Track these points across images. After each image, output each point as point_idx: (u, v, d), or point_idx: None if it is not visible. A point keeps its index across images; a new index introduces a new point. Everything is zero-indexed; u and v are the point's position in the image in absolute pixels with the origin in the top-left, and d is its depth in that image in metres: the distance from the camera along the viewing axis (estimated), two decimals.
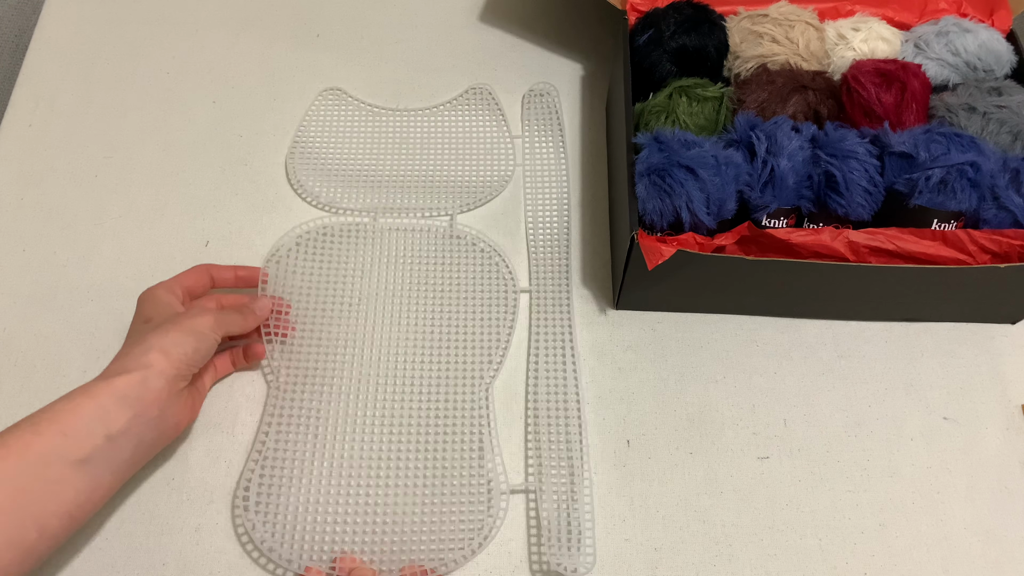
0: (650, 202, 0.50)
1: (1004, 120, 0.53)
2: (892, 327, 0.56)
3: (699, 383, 0.54)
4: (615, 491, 0.50)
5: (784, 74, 0.57)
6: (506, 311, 0.57)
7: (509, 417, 0.53)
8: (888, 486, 0.50)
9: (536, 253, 0.60)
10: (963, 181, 0.50)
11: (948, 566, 0.48)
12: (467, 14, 0.75)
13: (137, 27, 0.72)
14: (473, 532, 0.48)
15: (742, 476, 0.50)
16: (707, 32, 0.59)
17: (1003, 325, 0.57)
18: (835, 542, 0.48)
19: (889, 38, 0.60)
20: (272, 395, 0.53)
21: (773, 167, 0.51)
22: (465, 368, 0.54)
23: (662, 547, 0.48)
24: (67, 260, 0.59)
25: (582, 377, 0.54)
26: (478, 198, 0.62)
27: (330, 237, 0.59)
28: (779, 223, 0.52)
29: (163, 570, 0.47)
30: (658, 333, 0.56)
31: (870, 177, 0.51)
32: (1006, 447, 0.52)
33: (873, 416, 0.53)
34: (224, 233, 0.60)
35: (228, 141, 0.65)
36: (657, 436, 0.52)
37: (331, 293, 0.57)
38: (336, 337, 0.55)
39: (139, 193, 0.62)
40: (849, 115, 0.55)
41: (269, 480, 0.49)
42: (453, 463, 0.50)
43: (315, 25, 0.73)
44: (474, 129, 0.66)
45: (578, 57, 0.72)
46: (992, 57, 0.58)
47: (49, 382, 0.53)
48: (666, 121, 0.55)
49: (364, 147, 0.65)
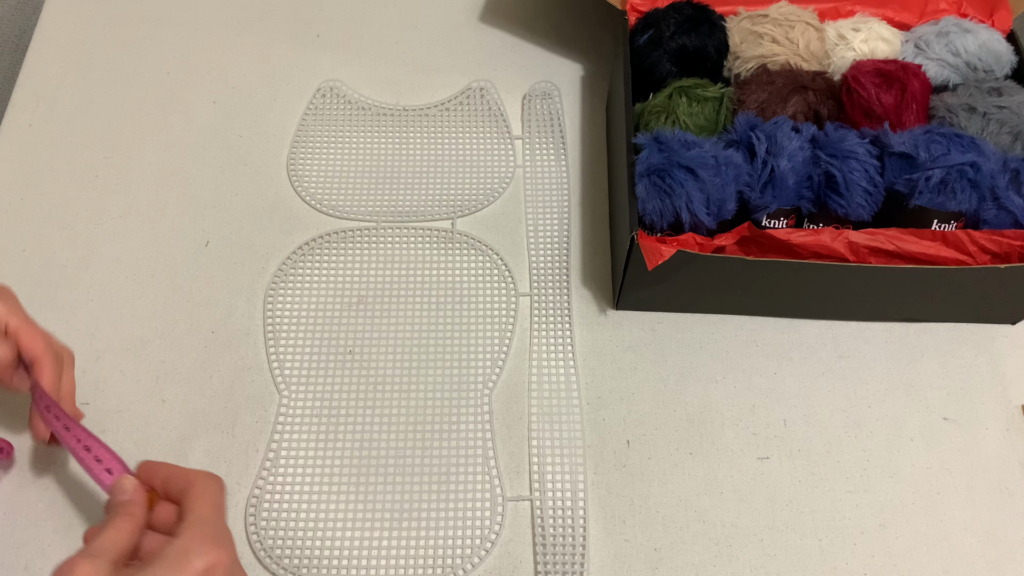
0: (650, 202, 0.50)
1: (1004, 120, 0.53)
2: (892, 327, 0.56)
3: (699, 383, 0.54)
4: (615, 491, 0.50)
5: (784, 74, 0.56)
6: (507, 315, 0.57)
7: (510, 418, 0.53)
8: (888, 486, 0.50)
9: (536, 254, 0.60)
10: (963, 181, 0.50)
11: (948, 566, 0.48)
12: (467, 14, 0.75)
13: (137, 27, 0.72)
14: (477, 538, 0.48)
15: (742, 476, 0.50)
16: (707, 32, 0.59)
17: (1003, 325, 0.57)
18: (835, 542, 0.48)
19: (889, 38, 0.60)
20: (282, 401, 0.53)
21: (773, 167, 0.51)
22: (467, 374, 0.54)
23: (662, 547, 0.48)
24: (67, 260, 0.59)
25: (582, 378, 0.54)
26: (479, 202, 0.62)
27: (333, 243, 0.59)
28: (779, 223, 0.52)
29: None
30: (658, 333, 0.56)
31: (870, 177, 0.51)
32: (1006, 447, 0.52)
33: (873, 416, 0.53)
34: (224, 233, 0.60)
35: (228, 141, 0.65)
36: (657, 436, 0.52)
37: (334, 298, 0.57)
38: (340, 343, 0.55)
39: (139, 193, 0.62)
40: (849, 115, 0.55)
41: (279, 486, 0.49)
42: (457, 468, 0.50)
43: (315, 25, 0.73)
44: (474, 130, 0.66)
45: (578, 57, 0.72)
46: (992, 57, 0.58)
47: None
48: (666, 121, 0.55)
49: (364, 147, 0.65)
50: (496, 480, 0.50)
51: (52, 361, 0.46)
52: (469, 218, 0.62)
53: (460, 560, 0.47)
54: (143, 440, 0.51)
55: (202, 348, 0.55)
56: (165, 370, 0.54)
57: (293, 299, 0.57)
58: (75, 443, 0.43)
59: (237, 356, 0.54)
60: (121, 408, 0.52)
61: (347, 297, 0.57)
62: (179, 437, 0.51)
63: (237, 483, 0.50)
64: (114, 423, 0.52)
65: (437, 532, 0.48)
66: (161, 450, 0.51)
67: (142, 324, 0.56)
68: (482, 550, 0.48)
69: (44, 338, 0.46)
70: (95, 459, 0.42)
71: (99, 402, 0.52)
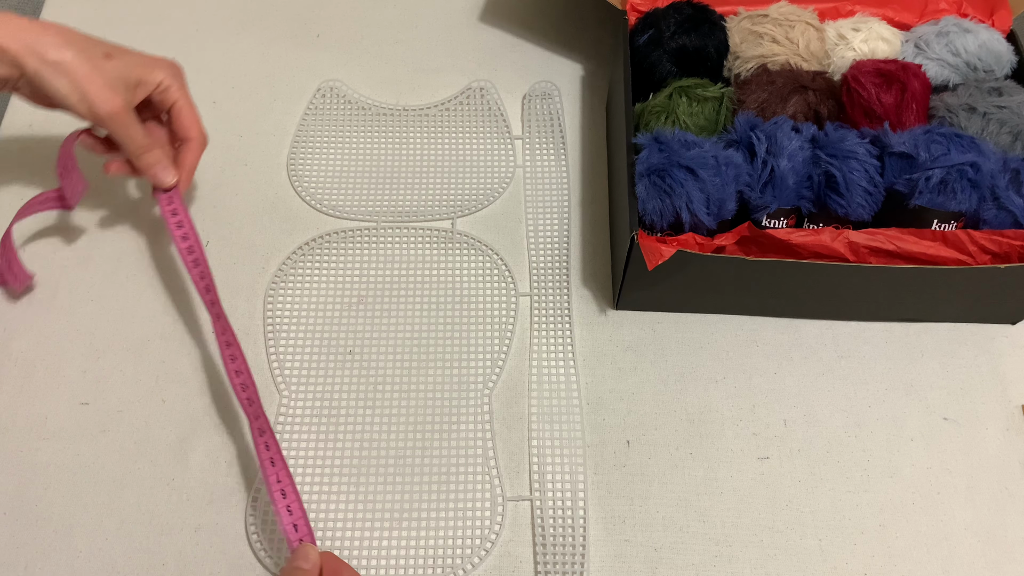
0: (650, 202, 0.50)
1: (1004, 120, 0.53)
2: (892, 327, 0.56)
3: (699, 383, 0.54)
4: (615, 491, 0.50)
5: (784, 74, 0.56)
6: (507, 315, 0.57)
7: (510, 418, 0.53)
8: (888, 486, 0.50)
9: (536, 255, 0.60)
10: (963, 181, 0.50)
11: (948, 567, 0.48)
12: (467, 14, 0.75)
13: (137, 27, 0.72)
14: (477, 538, 0.48)
15: (742, 476, 0.51)
16: (707, 32, 0.59)
17: (1003, 325, 0.57)
18: (835, 542, 0.48)
19: (889, 38, 0.60)
20: (282, 401, 0.53)
21: (773, 167, 0.51)
22: (467, 374, 0.54)
23: (662, 547, 0.48)
24: (67, 260, 0.59)
25: (582, 378, 0.54)
26: (478, 202, 0.62)
27: (333, 243, 0.59)
28: (779, 223, 0.52)
29: (163, 570, 0.47)
30: (658, 333, 0.56)
31: (870, 177, 0.51)
32: (1006, 447, 0.52)
33: (873, 416, 0.53)
34: (224, 233, 0.60)
35: (228, 141, 0.65)
36: (657, 436, 0.52)
37: (334, 298, 0.57)
38: (340, 343, 0.55)
39: (139, 193, 0.62)
40: (849, 115, 0.55)
41: None
42: (457, 468, 0.50)
43: (315, 25, 0.73)
44: (474, 130, 0.66)
45: (578, 57, 0.72)
46: (992, 57, 0.58)
47: (49, 382, 0.53)
48: (666, 121, 0.55)
49: (364, 147, 0.65)
50: (496, 480, 0.50)
51: (200, 145, 0.53)
52: (469, 218, 0.62)
53: (460, 560, 0.47)
54: (143, 440, 0.51)
55: (202, 348, 0.55)
56: (165, 370, 0.54)
57: (293, 299, 0.57)
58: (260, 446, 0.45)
59: None
60: (121, 408, 0.52)
61: (347, 297, 0.57)
62: (179, 437, 0.51)
63: (237, 483, 0.50)
64: (114, 423, 0.52)
65: (437, 532, 0.48)
66: (161, 450, 0.51)
67: (142, 324, 0.56)
68: (482, 550, 0.48)
69: (199, 120, 0.53)
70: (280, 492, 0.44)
71: (99, 402, 0.52)
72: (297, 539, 0.43)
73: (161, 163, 0.51)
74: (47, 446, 0.51)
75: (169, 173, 0.52)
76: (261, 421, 0.46)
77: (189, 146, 0.53)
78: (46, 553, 0.47)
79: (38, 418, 0.52)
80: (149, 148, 0.50)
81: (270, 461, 0.45)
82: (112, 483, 0.49)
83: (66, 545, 0.47)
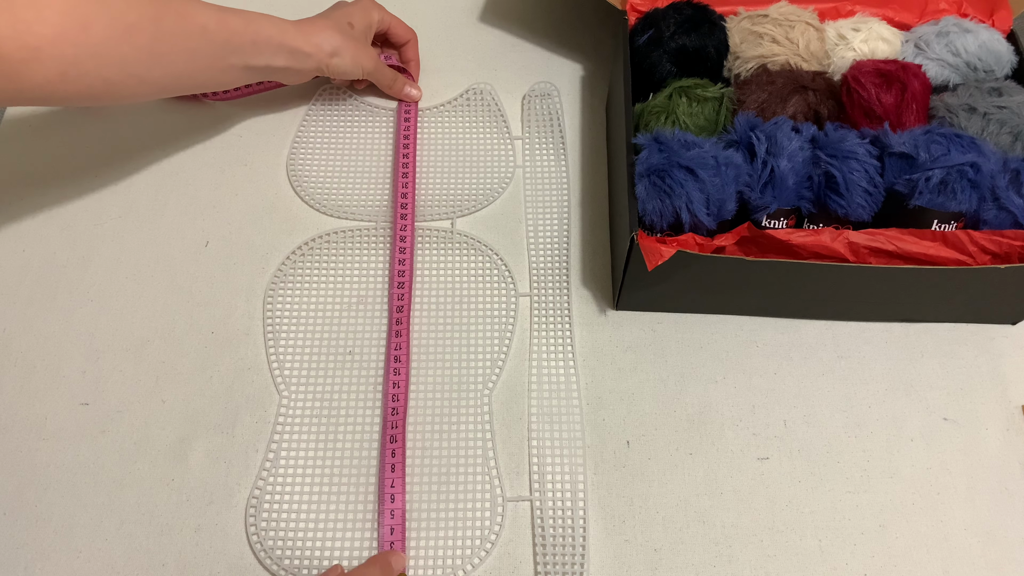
0: (650, 203, 0.50)
1: (1004, 121, 0.53)
2: (892, 327, 0.56)
3: (699, 384, 0.54)
4: (615, 492, 0.50)
5: (784, 74, 0.56)
6: (507, 316, 0.57)
7: (510, 418, 0.53)
8: (888, 487, 0.50)
9: (536, 255, 0.60)
10: (963, 182, 0.50)
11: (948, 567, 0.48)
12: (467, 14, 0.75)
13: None
14: (477, 538, 0.48)
15: (742, 477, 0.51)
16: (707, 32, 0.59)
17: (1003, 325, 0.57)
18: (835, 543, 0.48)
19: (889, 38, 0.60)
20: (282, 402, 0.53)
21: (773, 168, 0.51)
22: (467, 374, 0.54)
23: (662, 548, 0.48)
24: (67, 260, 0.59)
25: (582, 378, 0.54)
26: (478, 202, 0.62)
27: (332, 243, 0.59)
28: (779, 224, 0.52)
29: (163, 570, 0.47)
30: (658, 334, 0.56)
31: (870, 178, 0.51)
32: (1006, 448, 0.52)
33: (873, 417, 0.53)
34: (224, 233, 0.60)
35: (228, 141, 0.65)
36: (657, 437, 0.52)
37: (334, 298, 0.57)
38: (340, 343, 0.55)
39: (139, 193, 0.62)
40: (849, 116, 0.55)
41: (279, 486, 0.49)
42: (456, 469, 0.50)
43: None
44: (474, 130, 0.66)
45: (578, 57, 0.72)
46: (992, 57, 0.58)
47: (49, 382, 0.53)
48: (666, 122, 0.55)
49: (364, 147, 0.65)
50: (496, 480, 0.50)
51: (416, 42, 0.69)
52: (469, 218, 0.61)
53: (460, 561, 0.47)
54: (143, 440, 0.51)
55: (202, 348, 0.55)
56: (165, 370, 0.54)
57: (293, 299, 0.57)
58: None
59: (237, 356, 0.54)
60: (121, 408, 0.52)
61: (347, 297, 0.57)
62: (179, 437, 0.51)
63: (237, 483, 0.50)
64: (114, 423, 0.52)
65: (437, 532, 0.48)
66: (161, 450, 0.51)
67: (142, 324, 0.56)
68: (482, 551, 0.48)
69: (406, 25, 0.68)
70: (390, 496, 0.49)
71: (99, 402, 0.52)
72: (389, 543, 0.47)
73: (408, 84, 0.67)
74: (47, 446, 0.51)
75: (416, 90, 0.67)
76: (398, 430, 0.51)
77: (410, 44, 0.68)
78: (46, 553, 0.47)
79: (38, 418, 0.52)
80: (396, 77, 0.65)
81: (391, 467, 0.50)
82: (112, 483, 0.50)
83: (66, 545, 0.47)
